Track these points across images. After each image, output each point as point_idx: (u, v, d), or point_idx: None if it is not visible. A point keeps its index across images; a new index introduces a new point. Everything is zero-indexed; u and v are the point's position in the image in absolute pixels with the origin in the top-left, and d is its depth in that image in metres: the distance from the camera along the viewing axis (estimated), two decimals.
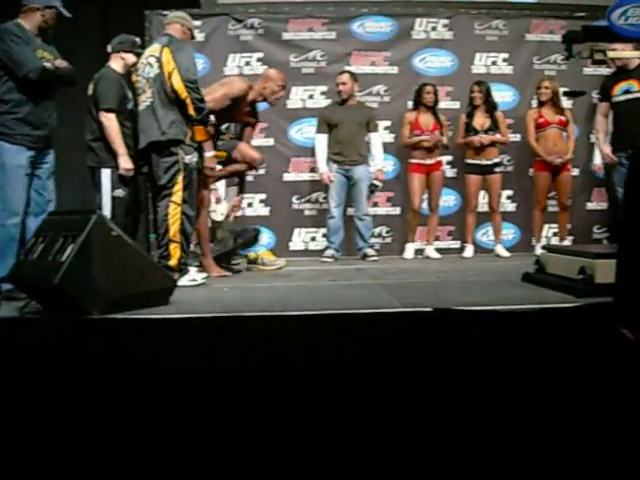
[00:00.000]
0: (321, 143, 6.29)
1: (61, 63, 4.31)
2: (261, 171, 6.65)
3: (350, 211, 6.51)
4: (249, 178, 6.51)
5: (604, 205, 6.78)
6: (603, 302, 3.08)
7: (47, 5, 4.17)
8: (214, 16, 6.76)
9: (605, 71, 6.15)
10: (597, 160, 6.54)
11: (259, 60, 6.78)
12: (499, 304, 3.18)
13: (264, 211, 6.77)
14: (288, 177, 6.80)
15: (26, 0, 4.18)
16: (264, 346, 2.86)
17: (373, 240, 6.61)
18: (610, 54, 3.47)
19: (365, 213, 6.27)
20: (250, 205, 6.71)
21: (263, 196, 6.76)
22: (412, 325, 2.96)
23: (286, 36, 6.84)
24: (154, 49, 4.64)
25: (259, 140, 6.64)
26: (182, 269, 4.53)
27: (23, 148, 4.11)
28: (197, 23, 6.04)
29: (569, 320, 3.08)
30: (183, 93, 4.43)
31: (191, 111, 4.46)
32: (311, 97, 6.78)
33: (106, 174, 4.74)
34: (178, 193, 4.48)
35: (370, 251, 6.22)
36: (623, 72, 5.45)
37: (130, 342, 2.91)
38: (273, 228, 6.75)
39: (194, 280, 4.52)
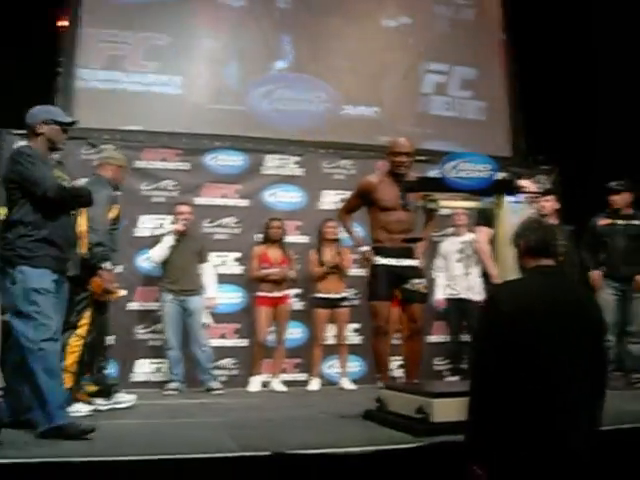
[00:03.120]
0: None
1: (76, 183, 4.09)
2: None
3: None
4: None
5: (444, 337, 7.05)
6: (443, 441, 3.14)
7: (44, 121, 3.88)
8: (69, 139, 6.68)
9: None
10: (438, 295, 6.85)
11: None
12: (338, 445, 3.15)
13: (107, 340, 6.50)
14: (132, 306, 6.65)
15: (28, 120, 3.92)
16: None
17: (219, 372, 6.50)
18: (442, 203, 3.70)
19: (204, 344, 6.18)
20: None
21: None
22: (249, 470, 2.89)
23: (139, 164, 6.90)
24: None
25: None
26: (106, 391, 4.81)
27: (47, 271, 3.71)
28: None
29: (408, 460, 3.10)
30: (82, 230, 4.35)
31: (83, 249, 4.37)
32: (160, 226, 6.75)
33: None
34: (84, 327, 4.50)
35: (214, 384, 6.08)
36: None
37: None
38: (115, 358, 6.48)
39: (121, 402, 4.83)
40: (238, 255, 6.91)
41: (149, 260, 6.42)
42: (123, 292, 5.44)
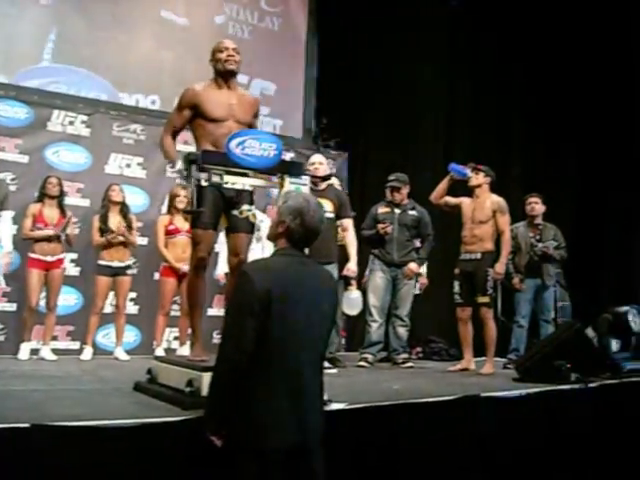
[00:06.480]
0: None
1: None
2: None
3: None
4: None
5: (224, 311, 7.12)
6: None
7: None
8: None
9: None
10: (220, 269, 6.88)
11: None
12: (104, 417, 3.09)
13: None
14: None
15: None
16: None
17: None
18: (226, 178, 3.69)
19: None
20: None
21: None
22: (6, 444, 2.75)
23: None
24: None
25: None
26: None
27: None
28: None
29: (174, 434, 3.10)
30: None
31: None
32: None
33: None
34: None
35: None
36: (313, 190, 5.26)
37: None
38: None
39: None
40: (12, 214, 6.47)
41: None
42: None
